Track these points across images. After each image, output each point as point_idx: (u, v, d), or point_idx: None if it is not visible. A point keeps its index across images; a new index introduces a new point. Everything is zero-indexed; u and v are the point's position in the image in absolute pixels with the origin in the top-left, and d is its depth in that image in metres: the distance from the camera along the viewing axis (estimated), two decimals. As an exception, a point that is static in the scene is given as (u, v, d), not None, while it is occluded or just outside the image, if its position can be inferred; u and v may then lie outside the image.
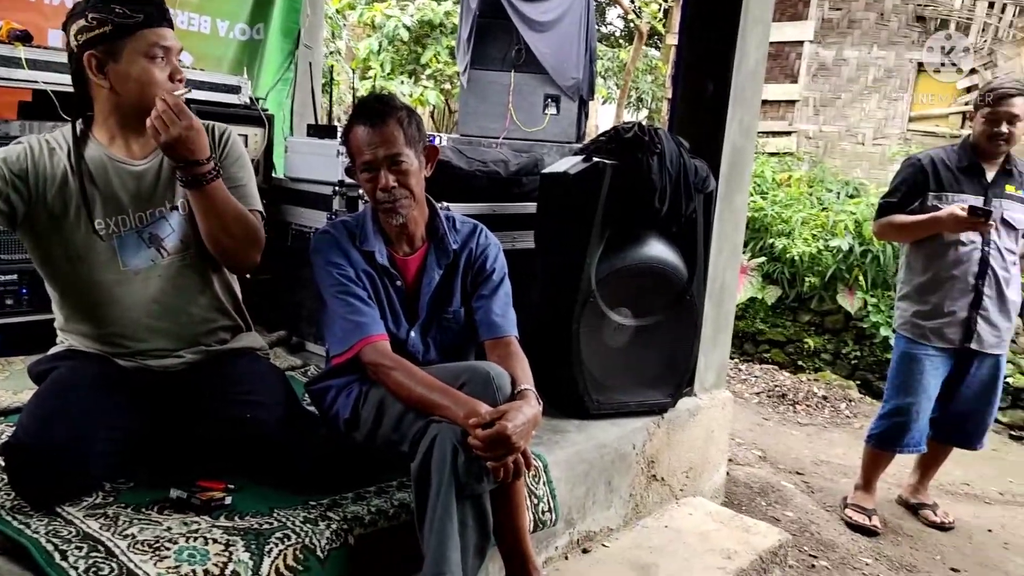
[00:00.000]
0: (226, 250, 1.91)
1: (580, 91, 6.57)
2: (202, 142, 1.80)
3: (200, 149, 1.80)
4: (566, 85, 6.50)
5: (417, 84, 10.32)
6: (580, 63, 6.48)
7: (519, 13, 6.40)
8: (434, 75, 10.51)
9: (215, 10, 4.12)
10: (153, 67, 1.81)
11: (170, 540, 1.60)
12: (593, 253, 2.47)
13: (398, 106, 1.96)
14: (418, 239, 2.06)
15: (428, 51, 10.36)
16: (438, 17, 10.19)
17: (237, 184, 1.97)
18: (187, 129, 1.76)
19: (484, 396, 1.76)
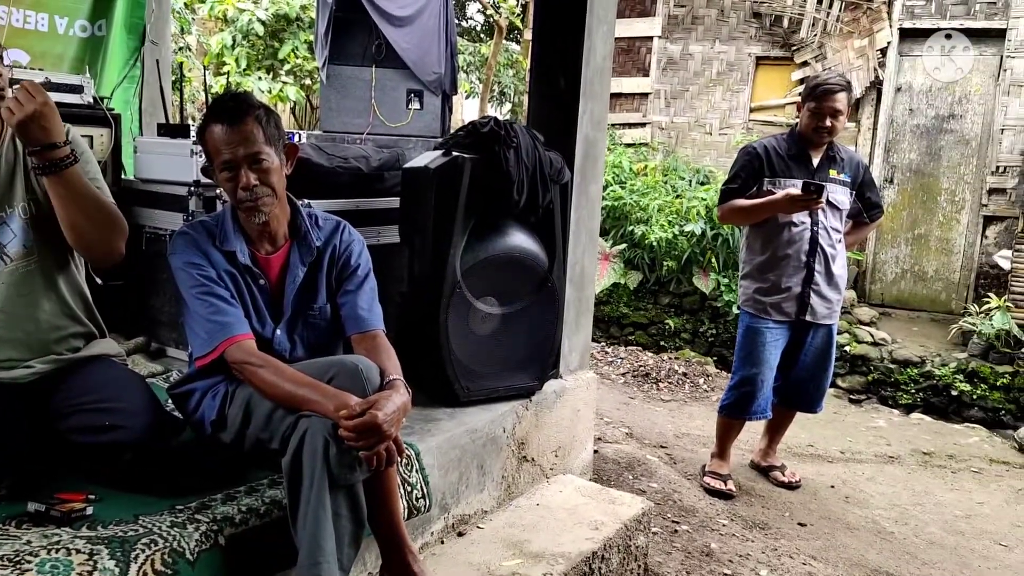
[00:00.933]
0: (89, 240, 1.85)
1: (443, 86, 6.61)
2: (57, 122, 1.73)
3: (56, 129, 1.73)
4: (428, 80, 6.52)
5: (276, 80, 10.07)
6: (441, 58, 6.52)
7: (377, 8, 6.37)
8: (293, 71, 10.28)
9: (52, 6, 3.90)
10: None
11: (31, 553, 1.55)
12: (457, 245, 2.54)
13: (255, 104, 1.96)
14: (280, 237, 2.06)
15: (286, 46, 10.12)
16: (294, 11, 9.98)
17: (90, 179, 1.90)
18: (42, 105, 1.69)
19: (353, 388, 1.80)
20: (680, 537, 3.05)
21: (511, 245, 2.62)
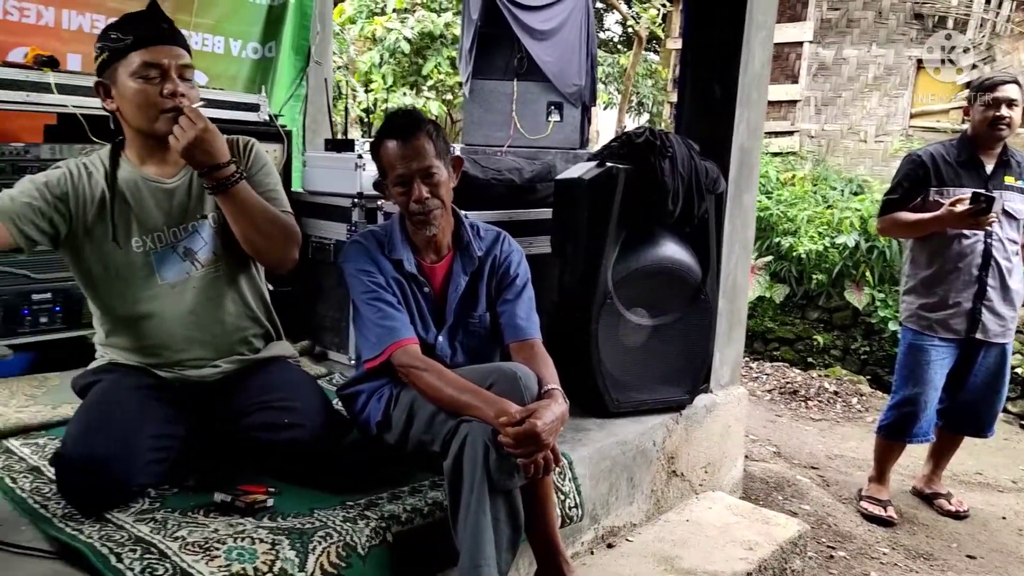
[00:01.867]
0: (262, 250, 1.97)
1: (582, 97, 6.65)
2: (219, 144, 1.85)
3: (219, 151, 1.84)
4: (568, 92, 6.58)
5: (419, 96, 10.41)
6: (582, 70, 6.57)
7: (520, 22, 6.49)
8: (435, 86, 10.60)
9: (228, 30, 4.21)
10: (146, 86, 1.85)
11: (218, 541, 1.67)
12: (609, 256, 2.54)
13: (425, 120, 2.05)
14: (444, 247, 2.14)
15: (429, 63, 10.45)
16: (438, 28, 10.29)
17: (267, 189, 2.03)
18: (203, 131, 1.81)
19: (512, 396, 1.83)
20: (837, 564, 2.92)
21: (664, 256, 2.60)
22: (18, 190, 1.85)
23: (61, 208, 1.88)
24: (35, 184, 1.87)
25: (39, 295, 2.61)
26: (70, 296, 2.63)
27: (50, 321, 2.64)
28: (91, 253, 1.94)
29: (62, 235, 1.90)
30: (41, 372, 2.65)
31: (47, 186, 1.87)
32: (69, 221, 1.90)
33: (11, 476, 1.93)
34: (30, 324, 2.60)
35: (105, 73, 1.89)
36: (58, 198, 1.88)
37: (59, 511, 1.77)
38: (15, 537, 1.66)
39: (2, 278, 2.53)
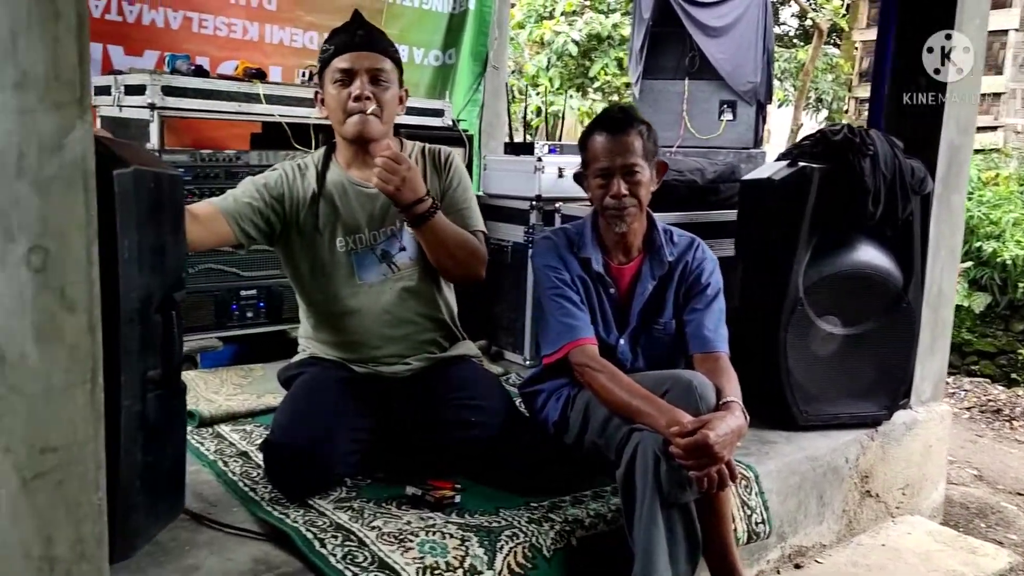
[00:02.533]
0: (450, 271, 2.05)
1: (757, 95, 6.39)
2: (418, 182, 1.90)
3: (420, 187, 1.90)
4: (743, 90, 6.35)
5: (585, 97, 10.42)
6: (757, 66, 6.31)
7: (693, 20, 6.33)
8: (602, 87, 10.57)
9: (412, 39, 4.37)
10: (338, 91, 1.96)
11: (411, 533, 1.72)
12: (800, 260, 2.42)
13: (639, 119, 2.03)
14: (635, 249, 2.10)
15: (596, 64, 10.43)
16: (606, 30, 10.25)
17: (461, 207, 2.10)
18: (407, 171, 1.87)
19: (686, 405, 1.77)
20: (1054, 603, 2.63)
21: (861, 260, 2.44)
22: (241, 190, 2.00)
23: (277, 208, 2.01)
24: (255, 185, 2.01)
25: (246, 292, 2.81)
26: (273, 293, 2.82)
27: (255, 316, 2.84)
28: (301, 250, 2.06)
29: (277, 233, 2.03)
30: (246, 363, 2.85)
31: (266, 187, 2.01)
32: (283, 220, 2.03)
33: (223, 460, 2.08)
34: (238, 318, 2.80)
35: (319, 82, 2.01)
36: (275, 198, 2.01)
37: (266, 495, 1.88)
38: (228, 518, 1.79)
39: (214, 276, 2.74)
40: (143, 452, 1.51)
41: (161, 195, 1.52)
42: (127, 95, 2.71)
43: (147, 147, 2.58)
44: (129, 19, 3.43)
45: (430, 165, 2.13)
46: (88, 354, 1.20)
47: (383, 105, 1.96)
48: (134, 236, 1.43)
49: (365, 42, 1.97)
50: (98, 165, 1.39)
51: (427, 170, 2.12)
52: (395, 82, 2.02)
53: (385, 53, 2.00)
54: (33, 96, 1.09)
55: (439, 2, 4.43)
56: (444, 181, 2.11)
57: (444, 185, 2.11)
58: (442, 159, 2.13)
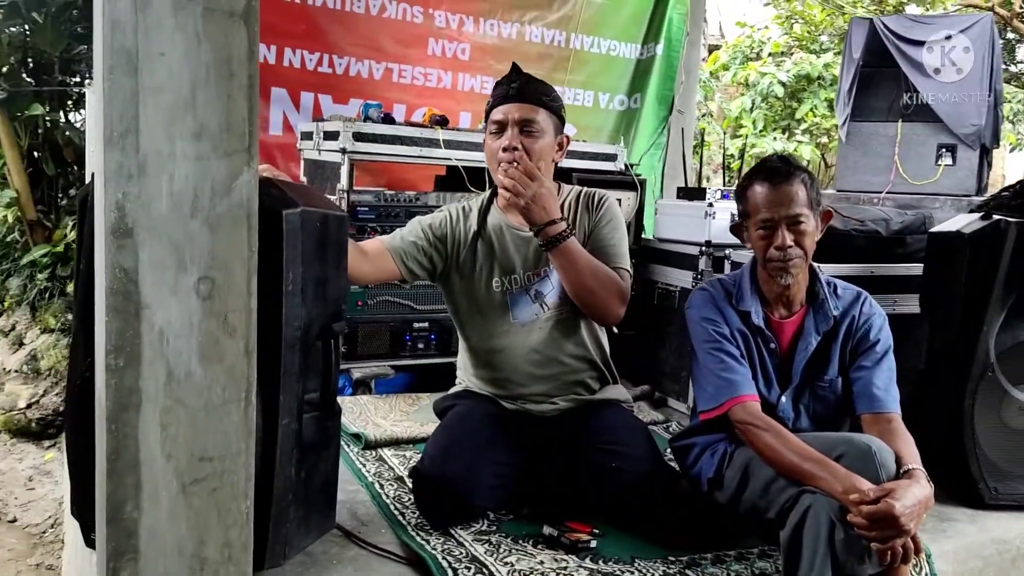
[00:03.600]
0: (587, 303, 2.05)
1: (982, 139, 5.92)
2: (552, 203, 1.95)
3: (551, 210, 1.95)
4: (964, 133, 5.91)
5: (791, 139, 10.06)
6: (982, 108, 5.87)
7: (908, 59, 5.99)
8: (810, 129, 10.16)
9: (597, 84, 4.47)
10: (491, 140, 2.07)
11: (542, 573, 1.74)
12: (992, 322, 2.20)
13: (801, 167, 1.97)
14: (797, 303, 2.02)
15: (804, 105, 10.05)
16: (816, 70, 9.87)
17: (607, 244, 2.12)
18: (539, 187, 1.93)
19: (864, 471, 1.65)
20: None
21: (1067, 326, 2.19)
22: (408, 230, 2.15)
23: (440, 247, 2.14)
24: (421, 225, 2.15)
25: (419, 324, 2.97)
26: (444, 327, 2.96)
27: (426, 347, 2.99)
28: (460, 288, 2.17)
29: (439, 270, 2.16)
30: (416, 391, 3.01)
31: (431, 228, 2.15)
32: (445, 259, 2.15)
33: (380, 482, 2.21)
34: (410, 349, 2.96)
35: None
36: (438, 239, 2.14)
37: (413, 520, 1.98)
38: (376, 538, 1.89)
39: (390, 307, 2.92)
40: (297, 467, 1.65)
41: (327, 234, 1.67)
42: (325, 140, 2.98)
43: (338, 187, 2.82)
44: (338, 71, 3.78)
45: (583, 207, 2.17)
46: (244, 375, 1.34)
47: (531, 154, 2.02)
48: (299, 270, 1.58)
49: (517, 94, 2.06)
50: (270, 206, 1.56)
51: (579, 211, 2.17)
52: (548, 131, 2.07)
53: (538, 103, 2.06)
54: (208, 145, 1.24)
55: (626, 48, 4.50)
56: (593, 219, 2.14)
57: (593, 223, 2.14)
58: (595, 200, 2.17)
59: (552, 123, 2.08)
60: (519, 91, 2.06)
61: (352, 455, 2.40)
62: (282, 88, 3.70)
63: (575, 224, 2.13)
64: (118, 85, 1.18)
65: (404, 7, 3.87)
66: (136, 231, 1.20)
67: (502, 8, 4.12)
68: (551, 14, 4.24)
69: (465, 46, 4.07)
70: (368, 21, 3.78)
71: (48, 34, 4.10)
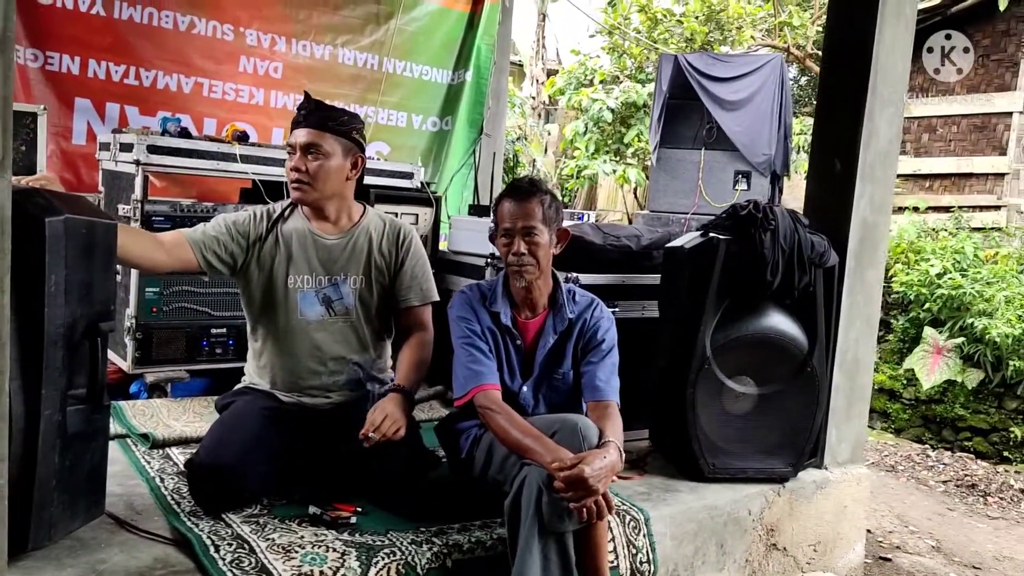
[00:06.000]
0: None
1: (772, 166, 6.64)
2: (399, 414, 2.19)
3: (401, 416, 2.19)
4: (757, 161, 6.62)
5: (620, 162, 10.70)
6: (773, 139, 6.56)
7: (709, 94, 6.62)
8: (637, 153, 10.86)
9: (411, 106, 4.73)
10: (288, 161, 2.31)
11: (300, 545, 1.94)
12: (708, 322, 2.61)
13: (544, 189, 2.28)
14: (540, 306, 2.33)
15: (631, 131, 10.74)
16: (641, 98, 10.58)
17: (418, 282, 2.44)
18: (391, 424, 2.14)
19: (571, 445, 1.97)
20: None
21: (767, 326, 2.62)
22: (211, 225, 2.33)
23: (241, 242, 2.32)
24: (225, 222, 2.33)
25: (216, 330, 3.09)
26: (241, 332, 3.08)
27: (224, 352, 3.12)
28: (257, 281, 2.36)
29: (239, 264, 2.34)
30: (215, 395, 3.12)
31: (234, 224, 2.33)
32: (246, 252, 2.33)
33: (161, 476, 2.33)
34: (208, 353, 3.08)
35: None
36: (241, 234, 2.32)
37: (188, 508, 2.12)
38: (148, 525, 2.02)
39: (188, 314, 3.03)
40: (61, 456, 1.77)
41: (93, 240, 1.81)
42: (121, 152, 3.06)
43: (132, 197, 2.91)
44: (145, 83, 3.84)
45: (388, 239, 2.43)
46: (-4, 365, 1.47)
47: (314, 175, 2.27)
48: (62, 272, 1.71)
49: (303, 120, 2.30)
50: (34, 213, 1.69)
51: (384, 238, 2.43)
52: (335, 154, 2.30)
53: (323, 128, 2.29)
54: (-40, 158, 1.38)
55: (438, 74, 4.79)
56: (401, 255, 2.43)
57: (401, 258, 2.43)
58: (401, 236, 2.45)
59: (341, 145, 2.31)
60: (305, 118, 2.29)
61: (138, 453, 2.50)
62: (86, 99, 3.72)
63: (380, 253, 2.41)
64: None
65: (214, 24, 3.98)
66: None
67: (315, 30, 4.30)
68: (363, 38, 4.47)
69: (278, 64, 4.22)
70: (176, 36, 3.87)
71: None
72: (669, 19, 10.82)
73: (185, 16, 3.88)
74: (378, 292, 2.42)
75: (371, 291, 2.41)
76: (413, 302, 2.45)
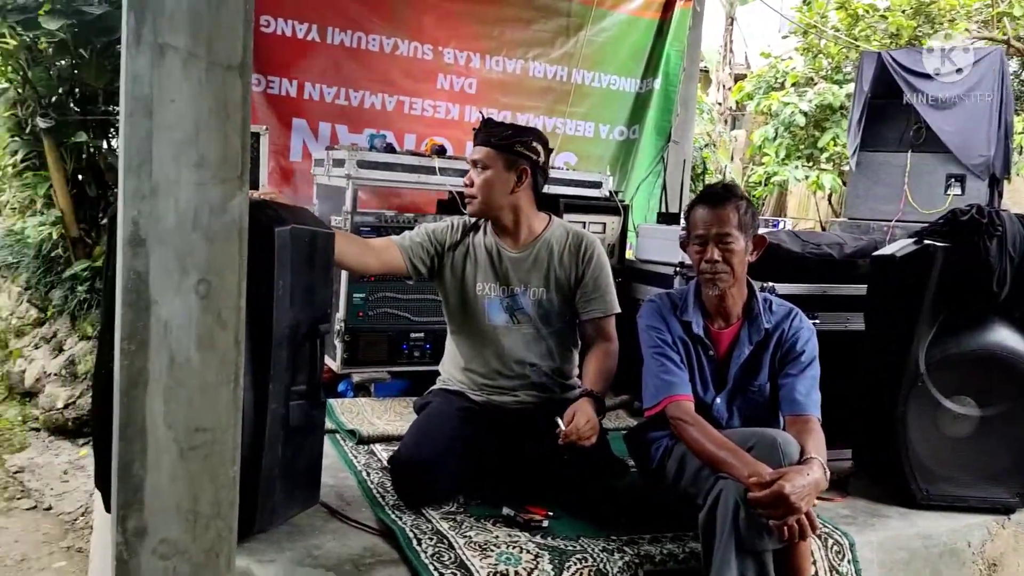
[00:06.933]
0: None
1: (991, 169, 6.11)
2: (593, 418, 2.21)
3: (596, 419, 2.22)
4: (973, 164, 6.12)
5: (814, 168, 10.21)
6: (991, 139, 6.04)
7: (918, 92, 6.18)
8: (832, 158, 10.32)
9: (598, 116, 4.76)
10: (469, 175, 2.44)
11: (495, 545, 2.00)
12: (922, 336, 2.42)
13: (739, 195, 2.23)
14: (734, 316, 2.27)
15: (827, 134, 10.21)
16: (839, 100, 10.04)
17: (599, 293, 2.47)
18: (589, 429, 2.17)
19: (769, 460, 1.90)
20: None
21: (991, 341, 2.40)
22: (415, 232, 2.52)
23: (439, 249, 2.49)
24: (427, 230, 2.52)
25: (415, 334, 3.25)
26: (438, 337, 3.23)
27: (421, 356, 3.27)
28: (451, 285, 2.50)
29: (435, 269, 2.50)
30: (411, 396, 3.28)
31: (434, 232, 2.51)
32: (441, 258, 2.49)
33: (367, 471, 2.48)
34: (407, 356, 3.25)
35: None
36: (439, 242, 2.49)
37: (391, 501, 2.25)
38: (356, 516, 2.16)
39: (390, 319, 3.21)
40: (284, 447, 1.93)
41: (315, 249, 1.96)
42: (334, 167, 3.30)
43: (343, 209, 3.13)
44: (353, 103, 4.12)
45: (570, 250, 2.49)
46: (233, 362, 1.62)
47: (476, 190, 2.41)
48: (288, 278, 1.87)
49: (475, 138, 2.46)
50: (265, 224, 1.86)
51: (566, 250, 2.48)
52: (496, 168, 2.40)
53: (486, 144, 2.42)
54: (207, 173, 1.54)
55: (626, 83, 4.79)
56: (582, 267, 2.47)
57: (582, 270, 2.47)
58: (584, 247, 2.48)
59: (503, 159, 2.40)
60: (475, 136, 2.45)
61: (346, 448, 2.68)
62: (302, 119, 4.04)
63: (561, 264, 2.47)
64: (136, 125, 1.48)
65: (415, 45, 4.21)
66: (148, 241, 1.50)
67: (507, 46, 4.43)
68: (554, 51, 4.55)
69: (472, 80, 4.39)
70: (381, 58, 4.12)
71: (93, 69, 4.51)
72: (871, 15, 10.17)
73: (389, 39, 4.13)
74: (559, 303, 2.48)
75: (552, 302, 2.47)
76: (595, 313, 2.48)
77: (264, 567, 1.85)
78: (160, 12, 1.46)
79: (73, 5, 4.14)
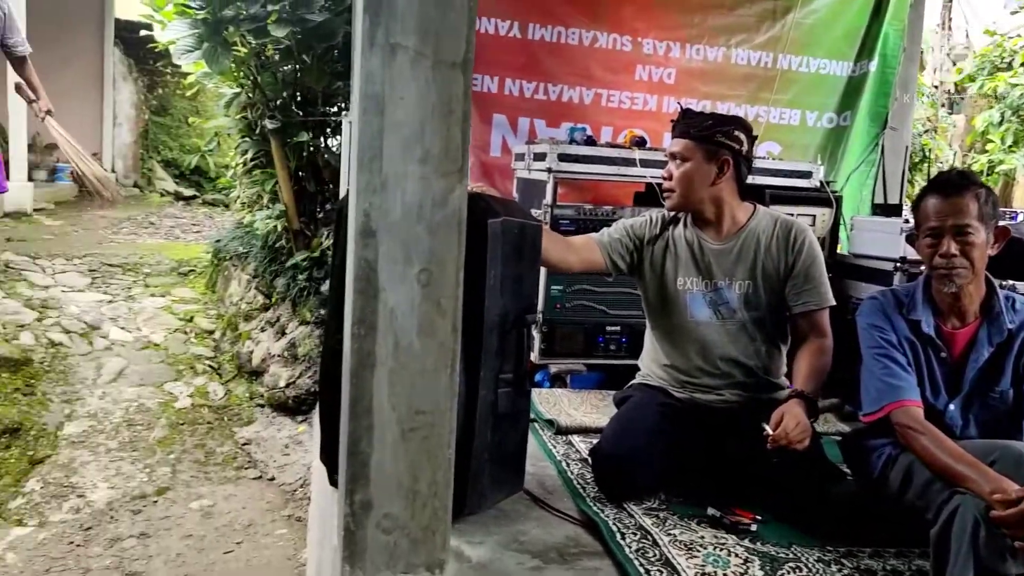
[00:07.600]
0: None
1: None
2: (804, 421, 2.11)
3: (806, 421, 2.12)
4: None
5: (1046, 155, 9.19)
6: None
7: None
8: (1071, 144, 9.24)
9: (805, 103, 4.50)
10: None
11: (700, 545, 1.96)
12: None
13: (977, 182, 2.04)
14: (970, 314, 2.08)
15: (1062, 120, 9.16)
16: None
17: (813, 285, 2.36)
18: (799, 433, 2.07)
19: (1016, 475, 1.72)
20: None
21: None
22: (613, 228, 2.52)
23: (638, 244, 2.48)
24: (624, 226, 2.51)
25: (611, 327, 3.24)
26: (634, 331, 3.20)
27: (617, 349, 3.25)
28: (650, 280, 2.48)
29: (635, 264, 2.49)
30: (606, 389, 3.28)
31: (632, 228, 2.50)
32: (640, 253, 2.48)
33: (567, 461, 2.50)
34: (603, 350, 3.24)
35: None
36: (638, 237, 2.48)
37: (592, 493, 2.25)
38: (558, 505, 2.18)
39: (586, 311, 3.22)
40: (492, 432, 1.98)
41: (523, 240, 2.00)
42: (534, 161, 3.34)
43: (544, 202, 3.17)
44: (552, 97, 4.16)
45: (779, 238, 2.39)
46: (451, 348, 1.69)
47: (675, 183, 2.37)
48: (499, 268, 1.92)
49: (673, 129, 2.42)
50: (479, 216, 1.91)
51: (773, 239, 2.38)
52: (695, 160, 2.34)
53: (684, 136, 2.37)
54: (431, 167, 1.61)
55: (837, 66, 4.50)
56: (793, 255, 2.36)
57: (793, 258, 2.36)
58: (794, 235, 2.38)
59: (702, 151, 2.33)
60: (673, 127, 2.40)
61: (545, 437, 2.72)
62: (502, 115, 4.13)
63: (769, 255, 2.38)
64: (368, 122, 1.57)
65: (614, 37, 4.18)
66: (378, 232, 1.58)
67: (708, 33, 4.30)
68: (758, 36, 4.36)
69: (671, 70, 4.30)
70: (580, 51, 4.13)
71: (314, 72, 4.84)
72: (1119, -18, 9.00)
73: (588, 32, 4.13)
74: (768, 296, 2.37)
75: (759, 295, 2.37)
76: (809, 306, 2.36)
77: (474, 548, 1.91)
78: (392, 14, 1.53)
79: (297, 13, 4.46)
